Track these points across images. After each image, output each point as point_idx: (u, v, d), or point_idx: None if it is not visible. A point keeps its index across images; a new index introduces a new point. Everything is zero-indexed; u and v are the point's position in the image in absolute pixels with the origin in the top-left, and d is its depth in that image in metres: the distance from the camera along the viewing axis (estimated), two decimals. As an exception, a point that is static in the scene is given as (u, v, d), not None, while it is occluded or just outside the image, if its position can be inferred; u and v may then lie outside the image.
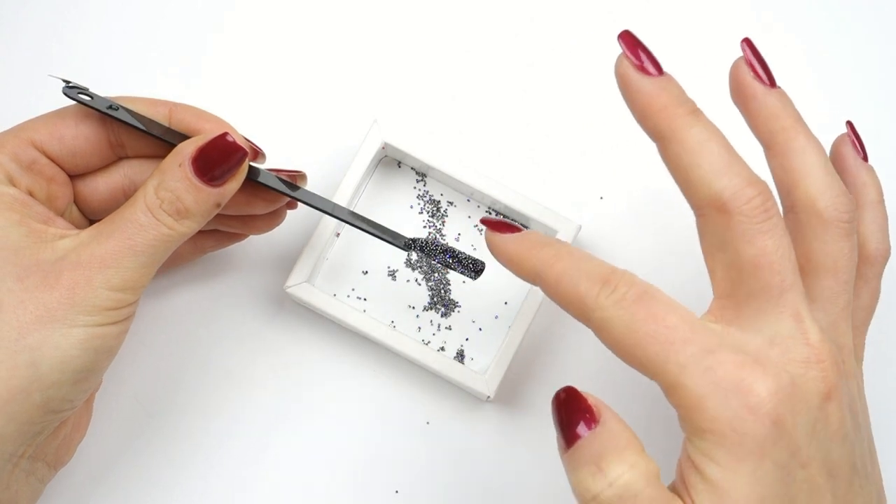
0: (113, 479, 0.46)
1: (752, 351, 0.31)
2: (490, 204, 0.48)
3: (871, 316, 0.38)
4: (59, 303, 0.35)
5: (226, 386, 0.47)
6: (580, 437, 0.32)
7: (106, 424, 0.46)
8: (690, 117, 0.33)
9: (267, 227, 0.44)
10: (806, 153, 0.35)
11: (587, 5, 0.52)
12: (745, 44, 0.36)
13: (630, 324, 0.32)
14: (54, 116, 0.40)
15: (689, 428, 0.31)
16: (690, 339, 0.31)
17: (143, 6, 0.51)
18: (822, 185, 0.34)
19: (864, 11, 0.52)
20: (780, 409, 0.30)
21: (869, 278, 0.38)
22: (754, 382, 0.30)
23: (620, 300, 0.32)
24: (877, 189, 0.39)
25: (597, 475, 0.31)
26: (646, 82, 0.34)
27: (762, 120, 0.36)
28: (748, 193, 0.32)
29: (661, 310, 0.32)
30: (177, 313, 0.48)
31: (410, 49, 0.51)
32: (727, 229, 0.32)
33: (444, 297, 0.48)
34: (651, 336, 0.31)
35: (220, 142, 0.38)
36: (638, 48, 0.34)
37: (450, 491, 0.46)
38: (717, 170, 0.32)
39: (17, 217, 0.37)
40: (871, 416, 0.37)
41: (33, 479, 0.39)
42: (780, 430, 0.30)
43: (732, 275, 0.33)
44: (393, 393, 0.47)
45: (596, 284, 0.33)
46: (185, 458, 0.46)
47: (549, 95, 0.51)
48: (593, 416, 0.32)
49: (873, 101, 0.51)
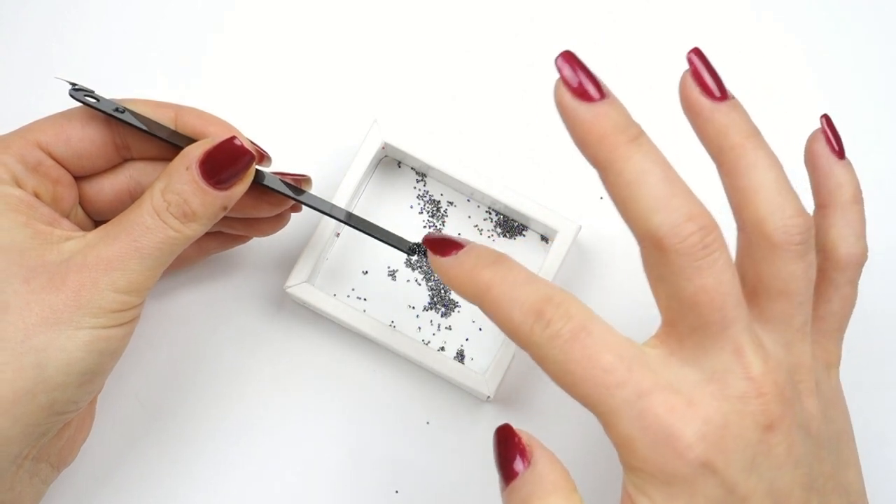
0: (115, 479, 0.46)
1: (687, 389, 0.31)
2: (490, 204, 0.48)
3: (846, 321, 0.38)
4: (64, 305, 0.35)
5: (226, 386, 0.47)
6: (517, 475, 0.33)
7: (107, 424, 0.46)
8: (630, 146, 0.31)
9: (271, 230, 0.44)
10: (755, 171, 0.33)
11: (587, 5, 0.52)
12: (692, 55, 0.34)
13: (564, 363, 0.31)
14: (60, 118, 0.40)
15: (623, 463, 0.31)
16: (624, 381, 0.31)
17: (143, 6, 0.52)
18: (771, 206, 0.33)
19: (864, 11, 0.52)
20: (710, 452, 0.30)
21: (840, 284, 0.37)
22: (683, 427, 0.30)
23: (554, 337, 0.31)
24: (851, 188, 0.37)
25: None
26: (583, 110, 0.32)
27: (710, 137, 0.34)
28: (686, 230, 0.30)
29: (597, 349, 0.31)
30: (177, 313, 0.48)
31: (410, 49, 0.51)
32: (665, 265, 0.31)
33: (444, 297, 0.48)
34: (586, 379, 0.31)
35: (227, 145, 0.38)
36: (577, 70, 0.32)
37: (450, 491, 0.46)
38: (653, 205, 0.31)
39: (24, 219, 0.37)
40: (857, 416, 0.37)
41: (37, 479, 0.39)
42: (711, 470, 0.30)
43: (674, 306, 0.32)
44: (393, 393, 0.47)
45: (529, 317, 0.32)
46: (186, 458, 0.46)
47: (549, 95, 0.51)
48: (525, 454, 0.33)
49: (873, 101, 0.51)
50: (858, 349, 0.44)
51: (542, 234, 0.48)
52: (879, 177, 0.50)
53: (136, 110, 0.39)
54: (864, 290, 0.39)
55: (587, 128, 0.32)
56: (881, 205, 0.50)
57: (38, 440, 0.37)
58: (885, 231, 0.50)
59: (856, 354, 0.41)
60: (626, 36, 0.52)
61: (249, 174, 0.39)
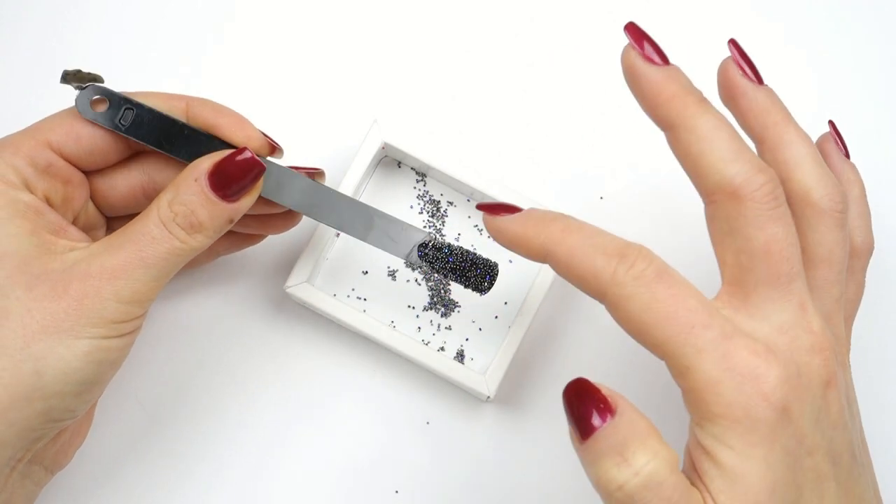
0: (115, 480, 0.46)
1: (762, 338, 0.32)
2: (490, 204, 0.48)
3: (857, 308, 0.39)
4: (66, 313, 0.35)
5: (226, 386, 0.47)
6: (596, 429, 0.31)
7: (107, 424, 0.46)
8: (699, 106, 0.33)
9: (284, 227, 0.44)
10: (797, 146, 0.35)
11: (587, 5, 0.52)
12: (731, 44, 0.37)
13: (649, 303, 0.31)
14: (69, 115, 0.39)
15: (701, 412, 0.31)
16: (709, 323, 0.31)
17: (143, 7, 0.52)
18: (816, 176, 0.35)
19: (864, 11, 0.52)
20: (790, 396, 0.31)
21: (855, 271, 0.39)
22: (768, 370, 0.31)
23: (639, 277, 0.31)
24: (860, 185, 0.40)
25: (622, 465, 0.30)
26: (653, 71, 0.34)
27: (753, 115, 0.36)
28: (759, 180, 0.32)
29: (681, 291, 0.31)
30: (177, 313, 0.48)
31: (410, 49, 0.51)
32: (738, 215, 0.32)
33: (444, 297, 0.48)
34: (671, 317, 0.31)
35: (237, 157, 0.38)
36: (644, 39, 0.35)
37: (450, 491, 0.46)
38: (727, 157, 0.32)
39: (30, 226, 0.37)
40: (862, 408, 0.37)
41: (29, 481, 0.39)
42: (789, 418, 0.31)
43: (742, 261, 0.33)
44: (393, 393, 0.47)
45: (612, 259, 0.32)
46: (185, 460, 0.46)
47: (549, 95, 0.51)
48: (608, 406, 0.32)
49: (873, 101, 0.51)
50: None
51: (542, 234, 0.48)
52: (881, 177, 0.50)
53: (146, 103, 0.39)
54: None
55: (658, 89, 0.34)
56: (881, 203, 0.50)
57: (33, 445, 0.37)
58: (885, 229, 0.50)
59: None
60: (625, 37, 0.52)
61: (258, 187, 0.39)
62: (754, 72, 0.36)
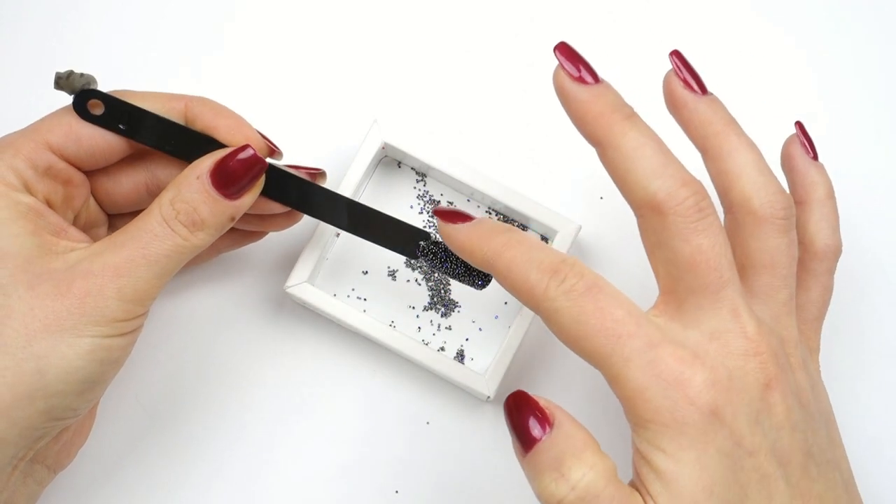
0: (116, 479, 0.46)
1: (691, 345, 0.32)
2: (490, 204, 0.48)
3: (825, 309, 0.40)
4: (68, 312, 0.35)
5: (226, 386, 0.47)
6: (537, 441, 0.32)
7: (107, 424, 0.46)
8: (625, 123, 0.34)
9: (285, 224, 0.44)
10: (739, 154, 0.36)
11: (587, 5, 0.52)
12: (673, 56, 0.38)
13: (578, 316, 0.32)
14: (69, 115, 0.39)
15: (634, 419, 0.32)
16: (635, 333, 0.32)
17: (143, 7, 0.52)
18: (756, 184, 0.35)
19: (864, 11, 0.52)
20: (718, 399, 0.31)
21: (818, 273, 0.39)
22: (693, 375, 0.31)
23: (569, 292, 0.33)
24: (825, 186, 0.40)
25: (559, 480, 0.31)
26: (582, 91, 0.35)
27: (694, 126, 0.37)
28: (682, 194, 0.33)
29: (609, 303, 0.32)
30: (178, 313, 0.48)
31: (410, 49, 0.51)
32: (663, 228, 0.33)
33: (444, 297, 0.48)
34: (598, 329, 0.32)
35: (239, 155, 0.38)
36: (575, 59, 0.36)
37: (450, 491, 0.46)
38: (650, 172, 0.34)
39: (32, 227, 0.37)
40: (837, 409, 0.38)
41: (31, 480, 0.39)
42: (720, 419, 0.31)
43: (672, 272, 0.34)
44: (393, 393, 0.47)
45: (545, 275, 0.33)
46: (186, 459, 0.46)
47: (549, 95, 0.51)
48: (546, 417, 0.33)
49: (873, 101, 0.51)
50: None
51: (542, 234, 0.48)
52: (882, 179, 0.50)
53: (143, 104, 0.39)
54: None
55: (586, 107, 0.35)
56: (881, 204, 0.50)
57: (35, 443, 0.37)
58: (886, 229, 0.50)
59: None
60: (626, 36, 0.52)
61: (259, 184, 0.39)
62: (697, 82, 0.37)
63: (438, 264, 0.42)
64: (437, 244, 0.42)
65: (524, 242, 0.35)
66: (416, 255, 0.42)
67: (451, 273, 0.43)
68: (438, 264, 0.42)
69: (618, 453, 0.47)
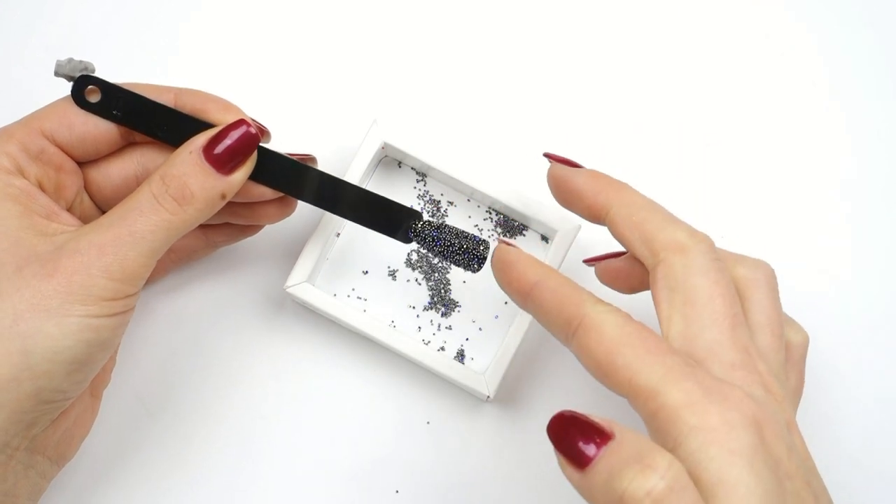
0: (115, 477, 0.46)
1: (719, 374, 0.33)
2: (490, 204, 0.48)
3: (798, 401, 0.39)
4: (55, 291, 0.35)
5: (226, 385, 0.47)
6: (592, 458, 0.30)
7: (107, 422, 0.46)
8: (628, 187, 0.37)
9: (278, 216, 0.44)
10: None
11: (587, 5, 0.52)
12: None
13: (624, 324, 0.33)
14: (64, 103, 0.40)
15: (677, 429, 0.30)
16: (675, 351, 0.32)
17: (139, 4, 0.51)
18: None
19: (872, 8, 0.52)
20: (758, 413, 0.31)
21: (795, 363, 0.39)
22: (732, 389, 0.31)
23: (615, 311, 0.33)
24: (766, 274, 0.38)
25: (645, 471, 0.29)
26: (581, 171, 0.38)
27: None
28: (699, 234, 0.35)
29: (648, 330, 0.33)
30: (178, 313, 0.48)
31: (410, 49, 0.51)
32: (684, 267, 0.34)
33: (444, 296, 0.48)
34: (639, 343, 0.32)
35: (233, 130, 0.38)
36: (563, 159, 0.40)
37: (450, 491, 0.46)
38: (669, 217, 0.36)
39: (21, 209, 0.37)
40: None
41: (33, 472, 0.38)
42: (763, 436, 0.30)
43: (688, 312, 0.34)
44: (393, 393, 0.47)
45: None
46: (185, 458, 0.46)
47: (548, 95, 0.51)
48: (603, 428, 0.31)
49: (879, 101, 0.51)
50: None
51: (542, 234, 0.48)
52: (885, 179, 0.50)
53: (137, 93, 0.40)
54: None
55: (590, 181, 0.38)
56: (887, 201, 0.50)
57: (28, 430, 0.36)
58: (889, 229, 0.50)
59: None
60: (626, 35, 0.52)
61: (252, 161, 0.39)
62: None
63: (432, 245, 0.42)
64: (430, 224, 0.42)
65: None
66: (409, 238, 0.42)
67: (445, 254, 0.42)
68: (432, 245, 0.42)
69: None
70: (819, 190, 0.50)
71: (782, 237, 0.49)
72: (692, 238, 0.35)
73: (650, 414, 0.31)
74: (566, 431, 0.31)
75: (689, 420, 0.30)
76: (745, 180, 0.50)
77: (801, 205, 0.50)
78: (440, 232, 0.42)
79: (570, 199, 0.38)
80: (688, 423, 0.30)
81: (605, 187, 0.37)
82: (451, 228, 0.43)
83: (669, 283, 0.35)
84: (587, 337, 0.33)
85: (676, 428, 0.30)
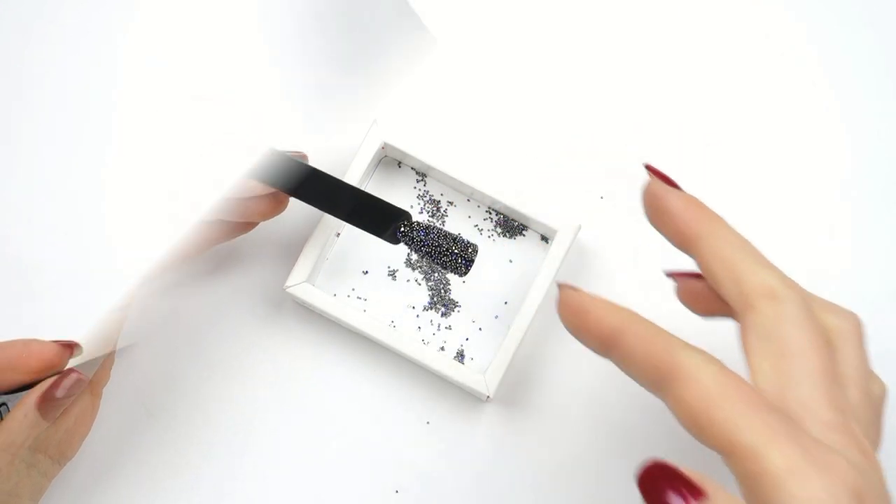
0: (115, 477, 0.46)
1: (815, 433, 0.31)
2: (490, 204, 0.48)
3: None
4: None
5: (226, 385, 0.47)
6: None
7: (108, 422, 0.46)
8: (721, 219, 0.35)
9: (270, 212, 0.44)
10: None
11: (587, 5, 0.52)
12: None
13: (726, 375, 0.30)
14: None
15: (778, 497, 0.29)
16: (775, 407, 0.30)
17: (140, 5, 0.51)
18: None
19: (873, 9, 0.52)
20: (862, 488, 0.29)
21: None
22: (836, 460, 0.29)
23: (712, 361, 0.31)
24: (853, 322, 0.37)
25: None
26: (679, 193, 0.35)
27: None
28: (790, 282, 0.33)
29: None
30: (177, 313, 0.48)
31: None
32: (776, 316, 0.32)
33: (444, 297, 0.48)
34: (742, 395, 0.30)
35: (60, 382, 0.38)
36: (662, 175, 0.36)
37: (450, 491, 0.46)
38: (762, 260, 0.33)
39: None
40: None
41: (35, 471, 0.39)
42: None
43: (780, 365, 0.32)
44: (393, 393, 0.47)
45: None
46: (184, 457, 0.46)
47: (549, 96, 0.51)
48: (696, 489, 0.29)
49: (879, 101, 0.51)
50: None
51: (542, 234, 0.48)
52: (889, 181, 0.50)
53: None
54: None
55: (687, 204, 0.35)
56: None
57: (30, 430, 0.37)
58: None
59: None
60: (626, 35, 0.52)
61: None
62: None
63: (419, 247, 0.42)
64: (418, 225, 0.42)
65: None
66: (398, 239, 0.42)
67: (433, 257, 0.42)
68: (419, 247, 0.42)
69: (619, 459, 0.47)
70: (819, 190, 0.50)
71: (782, 237, 0.49)
72: (784, 285, 0.33)
73: (748, 475, 0.30)
74: (655, 483, 0.30)
75: (792, 489, 0.29)
76: (745, 180, 0.50)
77: (801, 205, 0.50)
78: (428, 234, 0.42)
79: (662, 220, 0.36)
80: (790, 493, 0.29)
81: (700, 216, 0.35)
82: (439, 231, 0.43)
83: (760, 332, 0.32)
84: (683, 389, 0.31)
85: (777, 496, 0.29)
